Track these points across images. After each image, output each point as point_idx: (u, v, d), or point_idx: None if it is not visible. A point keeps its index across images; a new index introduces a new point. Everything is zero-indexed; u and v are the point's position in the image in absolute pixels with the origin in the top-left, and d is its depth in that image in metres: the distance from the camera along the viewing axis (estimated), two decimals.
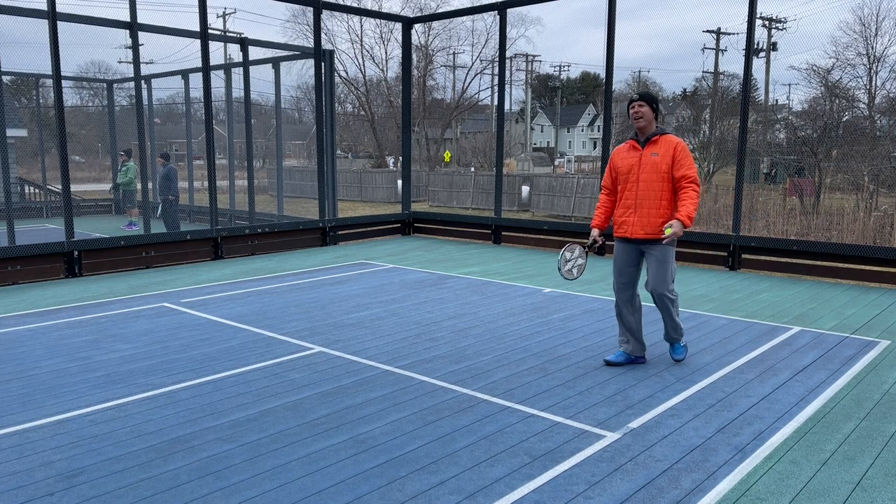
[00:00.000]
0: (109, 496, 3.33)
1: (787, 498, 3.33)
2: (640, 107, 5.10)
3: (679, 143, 5.09)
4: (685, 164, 5.01)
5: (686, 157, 5.04)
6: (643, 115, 5.09)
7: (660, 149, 5.07)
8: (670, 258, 5.14)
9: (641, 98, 5.14)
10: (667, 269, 5.13)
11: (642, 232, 5.10)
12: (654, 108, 5.13)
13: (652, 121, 5.12)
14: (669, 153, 5.05)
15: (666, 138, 5.11)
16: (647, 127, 5.11)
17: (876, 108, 25.31)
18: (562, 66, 67.82)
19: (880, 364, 5.40)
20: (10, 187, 9.78)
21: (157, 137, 19.95)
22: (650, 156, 5.07)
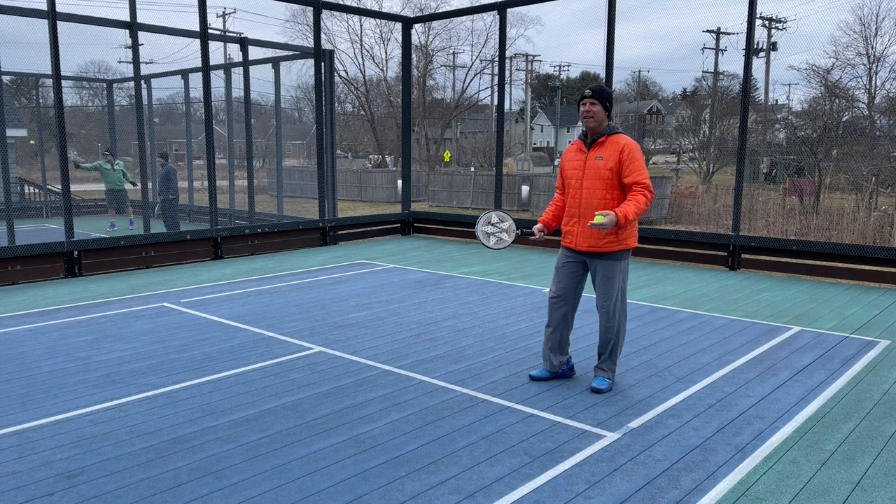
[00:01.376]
0: (109, 496, 3.33)
1: (786, 498, 3.33)
2: (592, 105, 4.56)
3: (627, 145, 4.54)
4: (634, 170, 4.49)
5: (634, 160, 4.51)
6: (594, 114, 4.56)
7: (605, 151, 4.57)
8: (617, 274, 4.66)
9: (594, 94, 4.57)
10: (613, 285, 4.66)
11: (585, 244, 4.65)
12: (607, 107, 4.60)
13: (603, 120, 4.61)
14: (615, 156, 4.53)
15: (613, 139, 4.59)
16: (597, 127, 4.62)
17: (876, 108, 25.32)
18: (562, 66, 67.85)
19: (880, 364, 5.40)
20: (10, 187, 9.78)
21: (156, 137, 19.95)
22: (595, 159, 4.58)
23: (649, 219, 20.78)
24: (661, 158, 53.16)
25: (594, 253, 4.66)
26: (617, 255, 4.64)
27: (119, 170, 15.23)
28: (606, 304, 4.71)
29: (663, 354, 5.61)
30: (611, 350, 4.80)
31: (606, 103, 4.59)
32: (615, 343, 4.79)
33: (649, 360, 5.44)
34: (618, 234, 4.58)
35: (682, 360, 5.47)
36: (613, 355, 4.82)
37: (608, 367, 4.83)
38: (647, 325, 6.53)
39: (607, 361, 4.82)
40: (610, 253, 4.62)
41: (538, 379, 4.99)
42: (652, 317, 6.86)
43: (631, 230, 4.65)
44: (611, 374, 4.84)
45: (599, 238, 4.58)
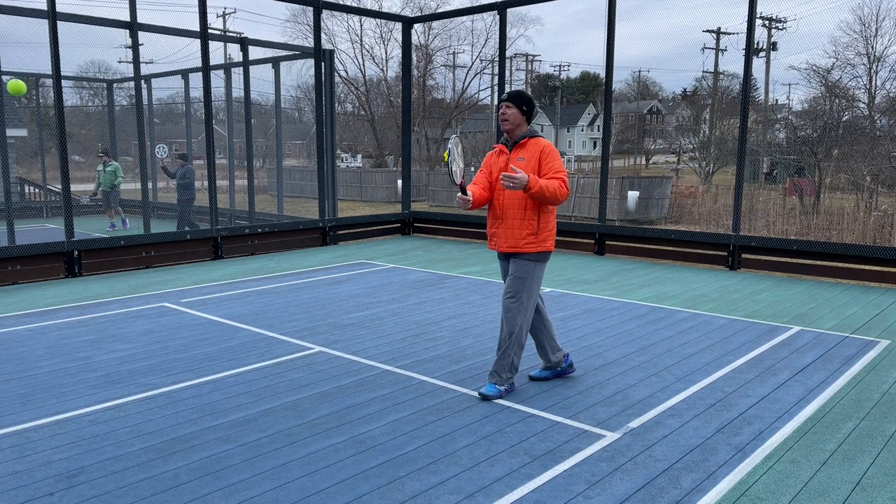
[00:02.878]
0: (109, 496, 3.33)
1: (786, 498, 3.33)
2: (508, 108, 4.64)
3: (546, 146, 4.63)
4: (553, 167, 4.55)
5: (553, 159, 4.57)
6: (509, 117, 4.63)
7: (527, 152, 4.62)
8: (527, 275, 4.61)
9: (510, 98, 4.66)
10: (519, 285, 4.61)
11: (506, 245, 4.66)
12: (525, 111, 4.66)
13: (521, 124, 4.67)
14: (535, 157, 4.59)
15: (534, 141, 4.66)
16: (515, 130, 4.67)
17: (876, 108, 25.31)
18: (562, 65, 67.85)
19: (880, 364, 5.40)
20: (10, 187, 9.78)
21: (156, 137, 19.95)
22: (517, 160, 4.63)
23: (649, 219, 20.78)
24: (662, 158, 53.16)
25: (513, 253, 4.67)
26: (533, 255, 4.62)
27: (111, 170, 14.96)
28: (507, 302, 4.64)
29: (663, 354, 5.61)
30: (503, 352, 4.65)
31: (523, 107, 4.65)
32: (509, 346, 4.64)
33: (649, 360, 5.44)
34: (537, 235, 4.60)
35: (682, 359, 5.47)
36: (506, 358, 4.65)
37: (498, 370, 4.67)
38: (647, 325, 6.53)
39: (498, 363, 4.68)
40: (526, 253, 4.62)
41: (536, 379, 4.99)
42: (652, 317, 6.87)
43: (549, 233, 4.66)
44: (500, 379, 4.66)
45: (519, 238, 4.60)
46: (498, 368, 4.67)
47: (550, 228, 4.68)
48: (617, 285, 8.45)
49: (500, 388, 4.64)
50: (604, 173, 11.00)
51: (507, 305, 4.66)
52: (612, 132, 11.78)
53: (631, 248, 10.67)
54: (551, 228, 4.69)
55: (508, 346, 4.65)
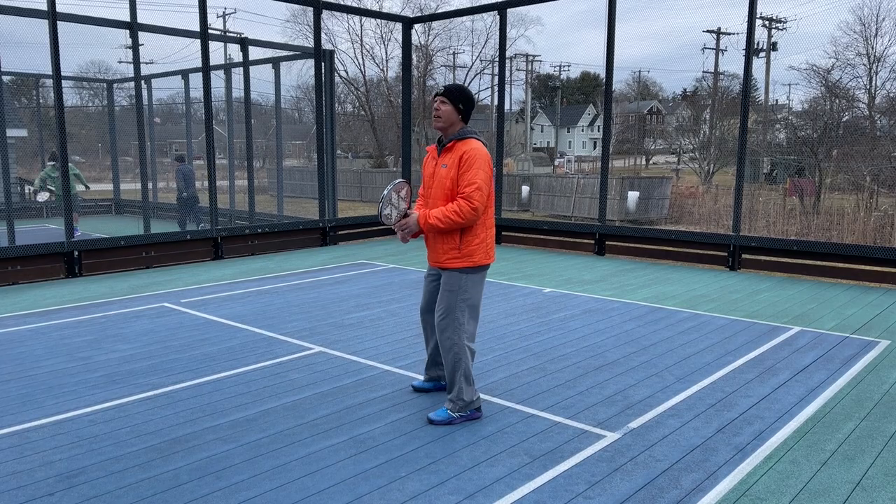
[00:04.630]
0: (109, 496, 3.33)
1: (787, 498, 3.33)
2: (442, 104, 4.13)
3: (468, 151, 4.05)
4: (466, 180, 4.00)
5: (470, 168, 4.01)
6: (441, 113, 4.13)
7: (450, 158, 4.12)
8: (456, 288, 4.15)
9: (445, 93, 4.15)
10: (446, 299, 4.16)
11: (431, 259, 4.30)
12: (461, 110, 4.15)
13: (454, 123, 4.15)
14: (455, 164, 4.06)
15: (460, 145, 4.11)
16: (448, 130, 4.16)
17: (876, 108, 25.31)
18: (562, 66, 67.81)
19: (880, 364, 5.40)
20: (11, 187, 9.78)
21: (157, 137, 19.95)
22: (440, 167, 4.17)
23: (649, 219, 20.78)
24: (662, 158, 53.14)
25: (439, 268, 4.27)
26: (459, 270, 4.16)
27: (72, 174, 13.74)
28: (438, 320, 4.20)
29: (663, 354, 5.61)
30: (450, 380, 4.19)
31: (460, 105, 4.14)
32: (454, 371, 4.16)
33: (649, 360, 5.44)
34: (460, 250, 4.13)
35: (682, 360, 5.47)
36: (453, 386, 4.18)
37: (452, 397, 4.20)
38: (647, 325, 6.53)
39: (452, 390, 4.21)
40: (451, 269, 4.18)
41: (418, 389, 4.74)
42: (652, 317, 6.86)
43: (476, 247, 4.15)
44: (453, 406, 4.19)
45: (441, 252, 4.18)
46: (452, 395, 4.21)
47: (478, 243, 4.15)
48: (617, 285, 8.45)
49: (451, 414, 4.20)
50: (604, 173, 11.00)
51: (437, 323, 4.20)
52: (612, 132, 11.78)
53: (631, 248, 10.67)
54: (479, 243, 4.16)
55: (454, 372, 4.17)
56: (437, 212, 4.06)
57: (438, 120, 4.16)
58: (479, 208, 4.02)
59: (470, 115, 4.23)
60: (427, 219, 4.08)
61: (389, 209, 4.22)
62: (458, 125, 4.19)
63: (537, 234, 11.73)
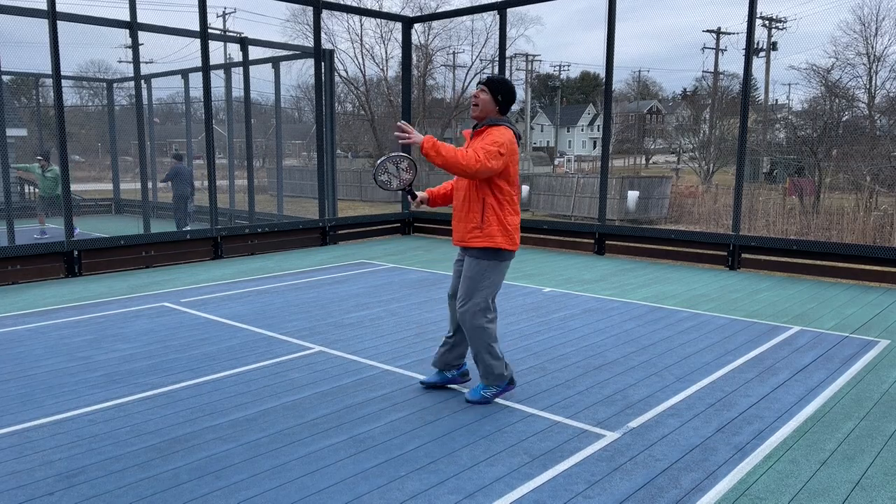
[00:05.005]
0: (109, 496, 3.33)
1: (786, 497, 3.33)
2: (482, 92, 4.27)
3: (494, 130, 4.20)
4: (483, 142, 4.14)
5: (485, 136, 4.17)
6: (480, 103, 4.26)
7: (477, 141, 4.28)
8: (477, 274, 4.29)
9: (486, 82, 4.29)
10: (469, 286, 4.31)
11: (456, 238, 4.42)
12: (500, 101, 4.27)
13: (490, 112, 4.28)
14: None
15: (491, 129, 4.24)
16: (481, 117, 4.30)
17: (876, 108, 25.31)
18: (562, 65, 67.81)
19: (880, 364, 5.40)
20: (10, 187, 9.78)
21: (156, 137, 19.94)
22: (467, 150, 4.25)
23: (649, 218, 20.78)
24: (662, 158, 53.15)
25: (464, 248, 4.40)
26: (480, 251, 4.29)
27: (51, 177, 13.83)
28: (460, 307, 4.36)
29: (663, 354, 5.61)
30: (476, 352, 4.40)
31: (499, 96, 4.26)
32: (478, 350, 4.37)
33: (649, 360, 5.44)
34: (481, 229, 4.26)
35: (682, 359, 5.47)
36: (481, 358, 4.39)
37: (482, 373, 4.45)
38: (647, 325, 6.53)
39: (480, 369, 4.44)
40: (474, 249, 4.31)
41: (427, 385, 4.78)
42: (652, 317, 6.87)
43: (496, 228, 4.25)
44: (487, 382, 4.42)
45: (465, 231, 4.31)
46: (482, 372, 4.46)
47: (498, 225, 4.26)
48: (617, 285, 8.45)
49: (487, 393, 4.44)
50: (604, 173, 11.00)
51: (460, 310, 4.35)
52: (611, 132, 11.78)
53: (631, 247, 10.67)
54: (499, 225, 4.26)
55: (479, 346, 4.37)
56: (444, 145, 4.07)
57: (476, 108, 4.27)
58: (480, 168, 4.05)
59: (508, 109, 4.32)
60: (431, 142, 4.04)
61: (386, 176, 4.39)
62: (494, 115, 4.31)
63: (537, 233, 11.73)
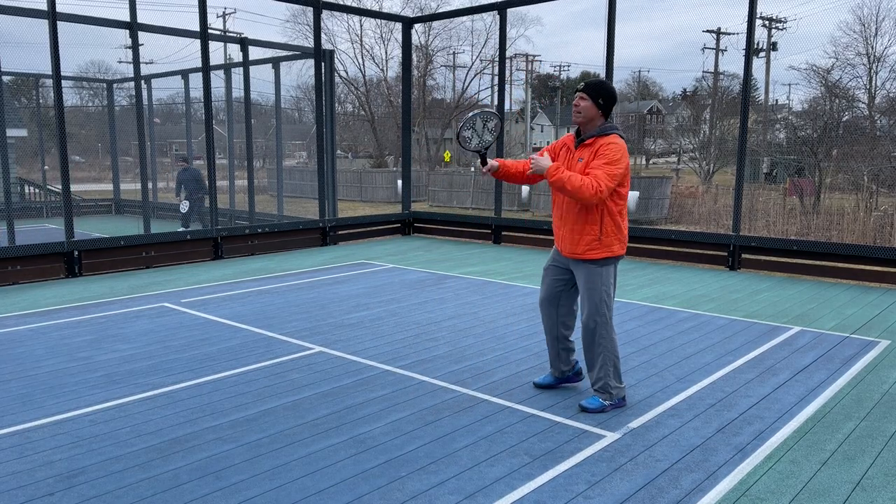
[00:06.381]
0: (109, 496, 3.33)
1: (787, 498, 3.33)
2: (582, 99, 4.22)
3: (606, 143, 4.16)
4: (598, 163, 4.12)
5: (603, 155, 4.12)
6: (582, 109, 4.22)
7: (587, 153, 4.22)
8: (598, 284, 4.30)
9: (585, 88, 4.23)
10: (593, 297, 4.31)
11: (567, 250, 4.36)
12: (601, 105, 4.22)
13: (594, 118, 4.24)
14: (591, 159, 4.17)
15: (601, 140, 4.20)
16: (587, 125, 4.26)
17: (876, 108, 25.31)
18: (562, 65, 67.77)
19: (880, 364, 5.40)
20: (10, 187, 9.78)
21: (156, 137, 19.94)
22: (577, 161, 4.26)
23: (649, 219, 20.78)
24: (662, 158, 53.14)
25: (575, 259, 4.36)
26: (598, 262, 4.29)
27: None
28: (586, 318, 4.36)
29: (663, 354, 5.61)
30: (602, 365, 4.37)
31: (599, 100, 4.20)
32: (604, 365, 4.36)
33: (649, 360, 5.44)
34: (600, 241, 4.25)
35: (682, 360, 5.47)
36: (605, 370, 4.35)
37: (600, 387, 4.40)
38: (647, 325, 6.53)
39: (599, 379, 4.39)
40: (590, 260, 4.30)
41: (541, 386, 4.80)
42: (652, 317, 6.86)
43: (615, 236, 4.28)
44: (605, 397, 4.38)
45: (580, 244, 4.28)
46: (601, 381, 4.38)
47: (617, 233, 4.27)
48: (617, 285, 8.44)
49: (603, 402, 4.36)
50: None
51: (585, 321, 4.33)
52: None
53: (631, 247, 10.66)
54: (618, 233, 4.27)
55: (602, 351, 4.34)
56: (569, 174, 4.10)
57: (578, 115, 4.25)
58: (604, 194, 4.08)
59: (611, 111, 4.30)
60: (560, 172, 4.11)
61: (470, 133, 4.32)
62: (599, 120, 4.26)
63: (537, 234, 11.73)
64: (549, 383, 4.81)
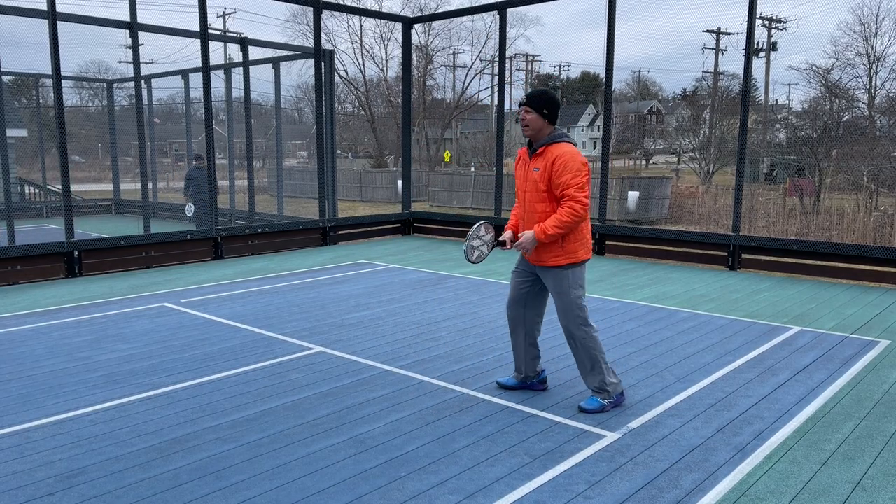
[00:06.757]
0: (109, 496, 3.33)
1: (787, 498, 3.33)
2: (527, 113, 4.30)
3: (560, 156, 4.21)
4: (563, 183, 4.18)
5: (565, 171, 4.18)
6: (529, 123, 4.30)
7: (541, 162, 4.28)
8: (567, 289, 4.33)
9: (528, 101, 4.30)
10: (567, 300, 4.33)
11: (533, 257, 4.41)
12: (546, 115, 4.29)
13: (542, 128, 4.31)
14: (548, 169, 4.24)
15: (551, 149, 4.27)
16: (537, 136, 4.33)
17: (876, 108, 25.31)
18: (562, 65, 67.81)
19: (880, 364, 5.40)
20: (10, 187, 9.78)
21: (156, 137, 19.94)
22: (532, 171, 4.33)
23: (649, 219, 20.78)
24: (662, 158, 53.17)
25: (540, 266, 4.40)
26: (563, 267, 4.33)
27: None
28: (564, 323, 4.39)
29: (663, 354, 5.61)
30: (592, 366, 4.39)
31: (544, 110, 4.28)
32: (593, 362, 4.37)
33: (649, 360, 5.44)
34: (563, 248, 4.29)
35: (682, 359, 5.47)
36: (596, 370, 4.38)
37: (597, 386, 4.41)
38: (647, 325, 6.53)
39: (594, 380, 4.41)
40: (555, 267, 4.34)
41: (505, 386, 4.78)
42: (652, 317, 6.87)
43: (579, 242, 4.32)
44: (603, 395, 4.39)
45: (544, 252, 4.31)
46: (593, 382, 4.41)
47: (579, 239, 4.32)
48: (617, 285, 8.45)
49: (602, 402, 4.37)
50: (604, 173, 10.99)
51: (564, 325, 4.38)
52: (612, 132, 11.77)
53: (631, 248, 10.67)
54: (580, 239, 4.33)
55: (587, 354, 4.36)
56: (552, 221, 4.21)
57: (526, 129, 4.34)
58: (587, 203, 4.20)
59: (556, 117, 4.38)
60: (545, 231, 4.21)
61: (478, 253, 4.51)
62: (547, 129, 4.35)
63: None
64: (512, 385, 4.77)
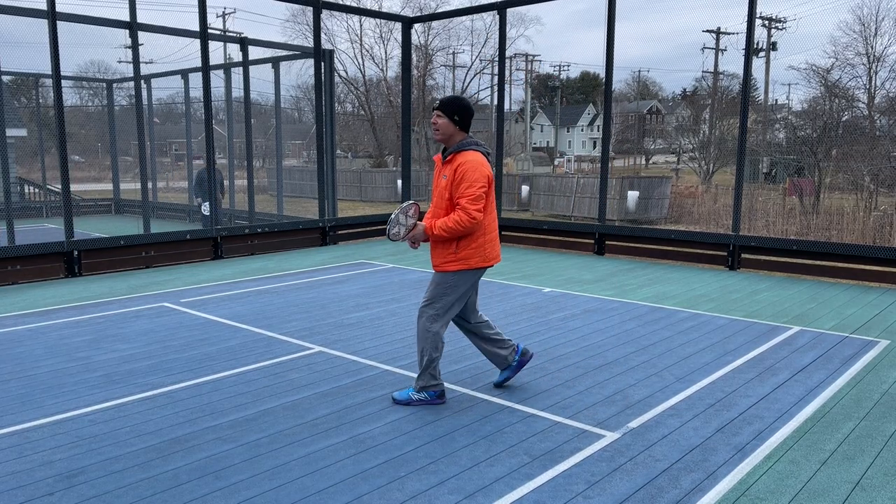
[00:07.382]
0: (109, 496, 3.33)
1: (786, 497, 3.33)
2: (438, 118, 4.30)
3: (462, 164, 4.22)
4: (461, 193, 4.19)
5: (464, 181, 4.18)
6: (439, 127, 4.30)
7: (450, 170, 4.29)
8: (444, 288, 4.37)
9: (440, 106, 4.31)
10: (438, 293, 4.39)
11: (433, 262, 4.45)
12: (457, 121, 4.29)
13: (453, 135, 4.31)
14: (451, 176, 4.26)
15: (458, 157, 4.28)
16: (448, 141, 4.33)
17: (876, 108, 25.31)
18: (561, 65, 67.78)
19: (880, 364, 5.40)
20: (10, 187, 9.78)
21: (156, 137, 19.94)
22: (440, 178, 4.35)
23: (649, 219, 20.78)
24: (662, 158, 53.18)
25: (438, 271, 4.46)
26: (453, 272, 4.37)
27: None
28: (422, 305, 4.45)
29: (663, 354, 5.61)
30: (420, 359, 4.46)
31: (455, 116, 4.28)
32: (421, 355, 4.44)
33: (649, 360, 5.44)
34: (456, 254, 4.33)
35: (682, 359, 5.47)
36: (422, 364, 4.44)
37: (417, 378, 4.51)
38: (647, 325, 6.53)
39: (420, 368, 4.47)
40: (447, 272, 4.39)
41: (501, 384, 4.81)
42: (652, 317, 6.87)
43: (473, 251, 4.35)
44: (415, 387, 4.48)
45: (439, 257, 4.38)
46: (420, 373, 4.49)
47: (475, 247, 4.35)
48: (617, 285, 8.45)
49: (416, 395, 4.47)
50: (604, 173, 11.00)
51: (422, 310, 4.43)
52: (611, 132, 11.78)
53: (631, 248, 10.67)
54: (476, 247, 4.35)
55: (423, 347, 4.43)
56: (441, 222, 4.27)
57: (437, 133, 4.35)
58: (478, 217, 4.22)
59: (468, 125, 4.37)
60: (433, 229, 4.30)
61: (398, 228, 4.41)
62: (458, 136, 4.35)
63: (537, 233, 11.73)
64: (506, 377, 4.81)
